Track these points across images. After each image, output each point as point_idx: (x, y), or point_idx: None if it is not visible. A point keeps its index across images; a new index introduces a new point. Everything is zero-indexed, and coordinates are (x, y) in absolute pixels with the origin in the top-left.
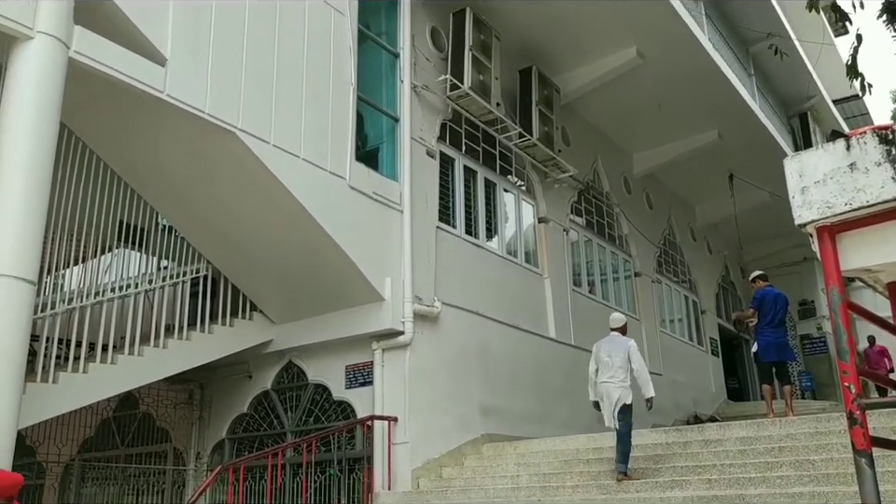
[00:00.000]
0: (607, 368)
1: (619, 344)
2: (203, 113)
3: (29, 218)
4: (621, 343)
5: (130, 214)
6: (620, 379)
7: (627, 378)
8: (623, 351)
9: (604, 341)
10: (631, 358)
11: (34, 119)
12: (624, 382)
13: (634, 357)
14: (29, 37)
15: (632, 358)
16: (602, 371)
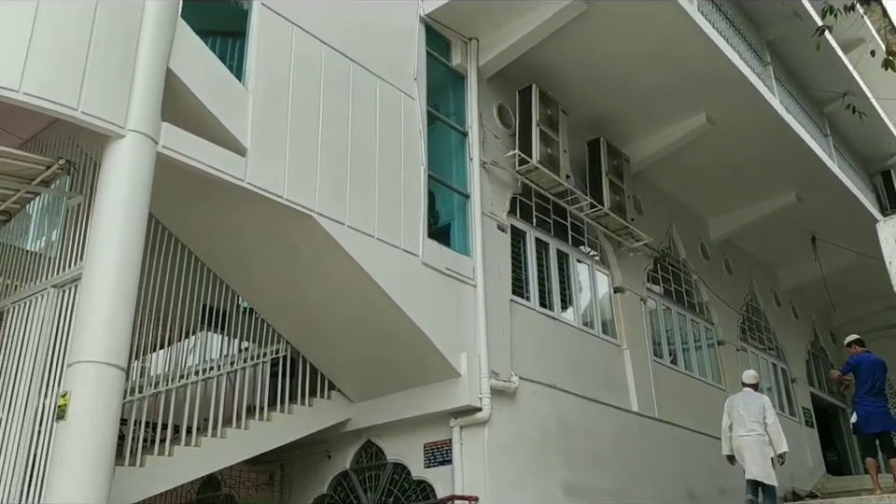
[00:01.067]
0: (742, 422)
1: (753, 400)
2: (281, 198)
3: (119, 307)
4: (755, 398)
5: (212, 297)
6: (758, 433)
7: (764, 432)
8: (758, 406)
9: (737, 396)
10: (766, 413)
11: (125, 212)
12: (763, 436)
13: (769, 412)
14: (121, 136)
15: (766, 413)
16: (737, 425)
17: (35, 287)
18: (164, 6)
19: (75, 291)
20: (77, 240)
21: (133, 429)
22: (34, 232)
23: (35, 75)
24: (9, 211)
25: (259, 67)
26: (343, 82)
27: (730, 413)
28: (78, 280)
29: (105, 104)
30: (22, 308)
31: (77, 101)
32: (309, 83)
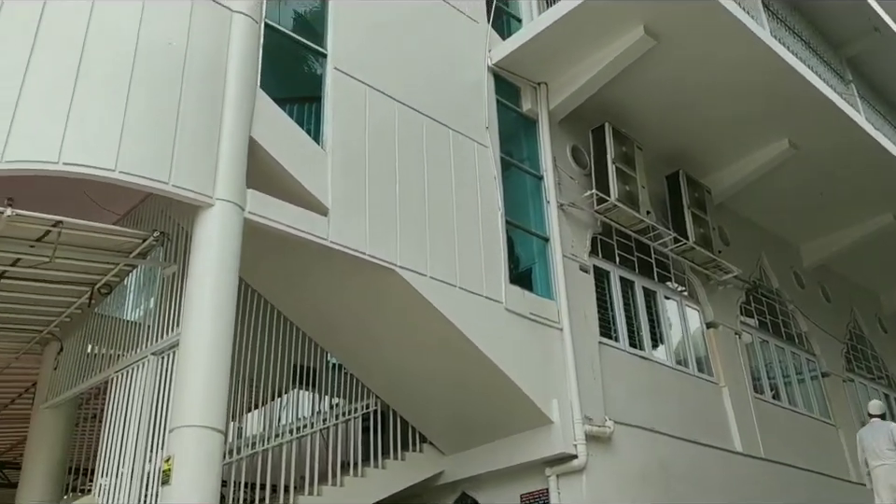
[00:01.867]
0: (875, 455)
1: (880, 429)
2: (363, 254)
3: (216, 370)
4: (882, 427)
5: (302, 356)
6: (894, 462)
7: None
8: (886, 434)
9: (866, 429)
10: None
11: (217, 277)
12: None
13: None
14: (210, 205)
15: None
16: (871, 458)
17: (136, 355)
18: (245, 79)
19: (173, 357)
20: (173, 307)
21: (232, 491)
22: (131, 302)
23: (128, 155)
24: (110, 284)
25: (335, 129)
26: (416, 137)
27: (863, 447)
28: (176, 346)
29: (194, 176)
30: (126, 376)
31: (167, 175)
32: (384, 140)
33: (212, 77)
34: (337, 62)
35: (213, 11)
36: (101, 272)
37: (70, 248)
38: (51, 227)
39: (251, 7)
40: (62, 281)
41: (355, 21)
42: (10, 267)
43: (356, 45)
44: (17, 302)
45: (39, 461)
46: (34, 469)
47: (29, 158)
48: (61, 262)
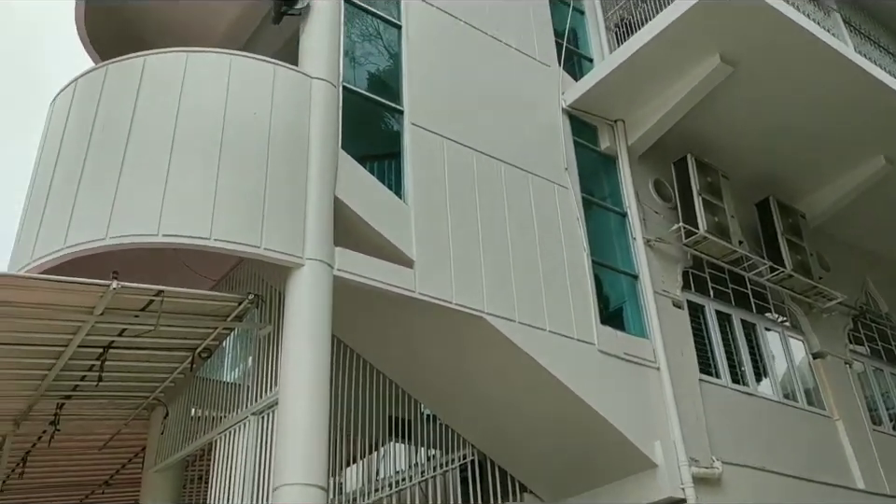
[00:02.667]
0: None
1: None
2: (450, 303)
3: (315, 427)
4: None
5: (396, 408)
6: None
7: None
8: None
9: None
10: None
11: (311, 335)
12: None
13: None
14: (300, 265)
15: None
16: None
17: (237, 416)
18: (326, 141)
19: (273, 416)
20: (269, 367)
21: None
22: (229, 364)
23: (222, 222)
24: (210, 348)
25: (416, 182)
26: (496, 183)
27: None
28: (275, 406)
29: (284, 238)
30: (228, 437)
31: (259, 240)
32: (464, 189)
33: (296, 142)
34: (413, 117)
35: (294, 79)
36: (201, 336)
37: (172, 316)
38: (154, 296)
39: (329, 73)
40: (165, 348)
41: (428, 75)
42: (118, 337)
43: (430, 99)
44: (125, 371)
45: None
46: None
47: (131, 232)
48: (164, 330)
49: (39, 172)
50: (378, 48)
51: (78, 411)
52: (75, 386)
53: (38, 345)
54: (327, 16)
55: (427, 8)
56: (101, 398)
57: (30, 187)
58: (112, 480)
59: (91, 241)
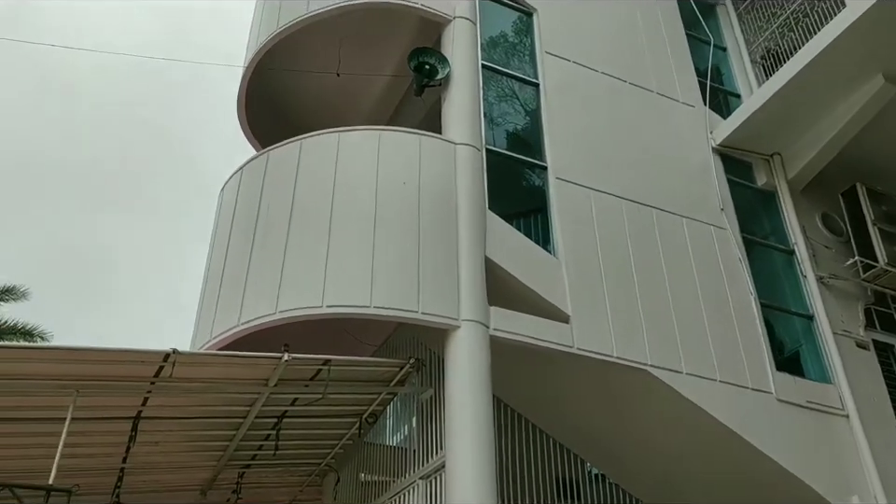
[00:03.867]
0: None
1: None
2: (611, 357)
3: (483, 490)
4: None
5: (562, 468)
6: None
7: None
8: None
9: None
10: None
11: (473, 396)
12: None
13: None
14: (457, 327)
15: None
16: None
17: (406, 480)
18: (474, 203)
19: (440, 480)
20: (434, 431)
21: None
22: (391, 428)
23: (380, 291)
24: (375, 413)
25: (564, 236)
26: (648, 230)
27: None
28: (442, 469)
29: (440, 302)
30: (398, 502)
31: (416, 305)
32: (615, 239)
33: (445, 207)
34: (557, 171)
35: (439, 147)
36: (366, 402)
37: (339, 384)
38: (322, 366)
39: (472, 137)
40: (334, 415)
41: (569, 129)
42: (290, 406)
43: (573, 152)
44: (298, 438)
45: None
46: None
47: (298, 305)
48: (332, 398)
49: (213, 255)
50: (515, 107)
51: (258, 479)
52: (253, 455)
53: (220, 418)
54: (466, 83)
55: (563, 63)
56: (277, 465)
57: (205, 270)
58: None
59: (263, 316)
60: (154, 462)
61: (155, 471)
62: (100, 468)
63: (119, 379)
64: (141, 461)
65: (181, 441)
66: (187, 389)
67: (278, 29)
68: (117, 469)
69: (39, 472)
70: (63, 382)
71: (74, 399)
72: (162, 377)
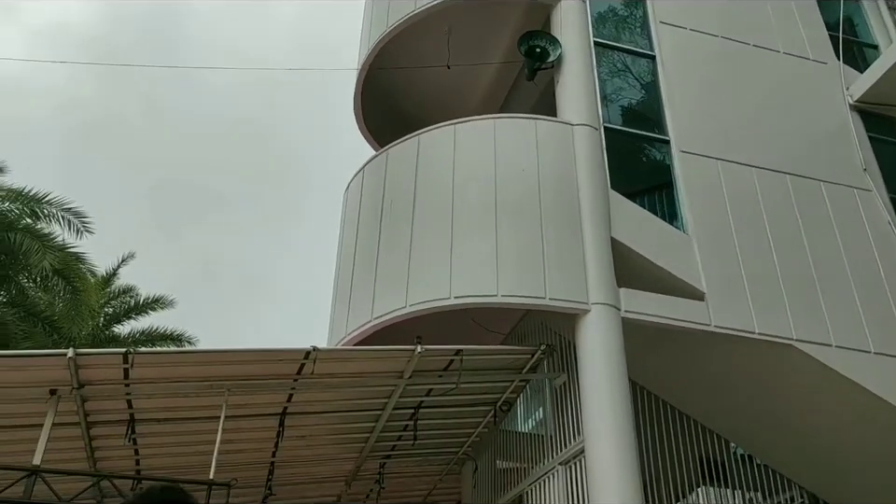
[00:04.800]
0: None
1: None
2: (753, 334)
3: (625, 474)
4: None
5: (706, 449)
6: None
7: None
8: None
9: None
10: None
11: (609, 381)
12: None
13: None
14: (586, 311)
15: None
16: None
17: (545, 466)
18: (596, 184)
19: (580, 465)
20: (570, 416)
21: None
22: (522, 415)
23: (506, 279)
24: (509, 401)
25: (693, 211)
26: (783, 198)
27: None
28: (581, 455)
29: (567, 287)
30: (539, 488)
31: (543, 291)
32: (748, 210)
33: (565, 191)
34: (681, 144)
35: (555, 130)
36: (500, 390)
37: (471, 373)
38: (454, 356)
39: (589, 117)
40: (468, 404)
41: (689, 99)
42: (425, 397)
43: (696, 123)
44: (434, 428)
45: None
46: None
47: (427, 298)
48: (465, 387)
49: (342, 255)
50: (630, 81)
51: (398, 469)
52: (393, 446)
53: (359, 411)
54: (579, 62)
55: (679, 32)
56: (416, 455)
57: (336, 269)
58: None
59: (394, 311)
60: (301, 455)
61: (302, 464)
62: (252, 462)
63: (265, 378)
64: (289, 455)
65: (325, 434)
66: (327, 385)
67: (389, 28)
68: (267, 463)
69: (198, 468)
70: (214, 382)
71: (226, 398)
72: (304, 374)
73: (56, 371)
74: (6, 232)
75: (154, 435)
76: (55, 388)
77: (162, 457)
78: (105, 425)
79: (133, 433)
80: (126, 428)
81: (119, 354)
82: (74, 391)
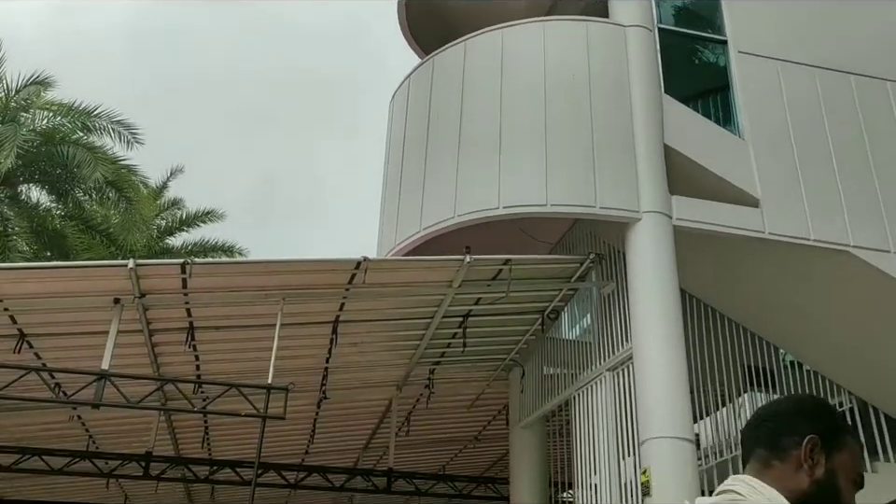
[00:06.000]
0: None
1: None
2: (807, 240)
3: (674, 381)
4: None
5: (752, 356)
6: None
7: None
8: None
9: None
10: None
11: (658, 289)
12: None
13: None
14: (637, 219)
15: None
16: None
17: (592, 373)
18: (648, 88)
19: (628, 372)
20: (618, 324)
21: None
22: (567, 323)
23: (556, 188)
24: (556, 309)
25: (750, 114)
26: (846, 100)
27: None
28: (629, 361)
29: (618, 195)
30: (585, 393)
31: (594, 199)
32: (808, 113)
33: (617, 96)
34: (739, 44)
35: (607, 32)
36: (547, 299)
37: (519, 282)
38: (502, 265)
39: (643, 17)
40: (516, 312)
41: None
42: (474, 306)
43: (755, 21)
44: (483, 336)
45: (523, 475)
46: (519, 483)
47: (475, 208)
48: (513, 296)
49: (389, 166)
50: None
51: (447, 375)
52: (442, 353)
53: (410, 319)
54: None
55: None
56: (465, 362)
57: (383, 181)
58: (480, 435)
59: (442, 221)
60: (354, 362)
61: (355, 370)
62: (307, 368)
63: (318, 287)
64: (342, 361)
65: (376, 341)
66: (378, 294)
67: None
68: (321, 369)
69: (256, 374)
70: (270, 292)
71: (281, 306)
72: (356, 284)
73: (118, 281)
74: (59, 146)
75: (213, 342)
76: (118, 298)
77: (222, 363)
78: (166, 332)
79: (193, 340)
80: (186, 336)
81: (177, 264)
82: (136, 300)
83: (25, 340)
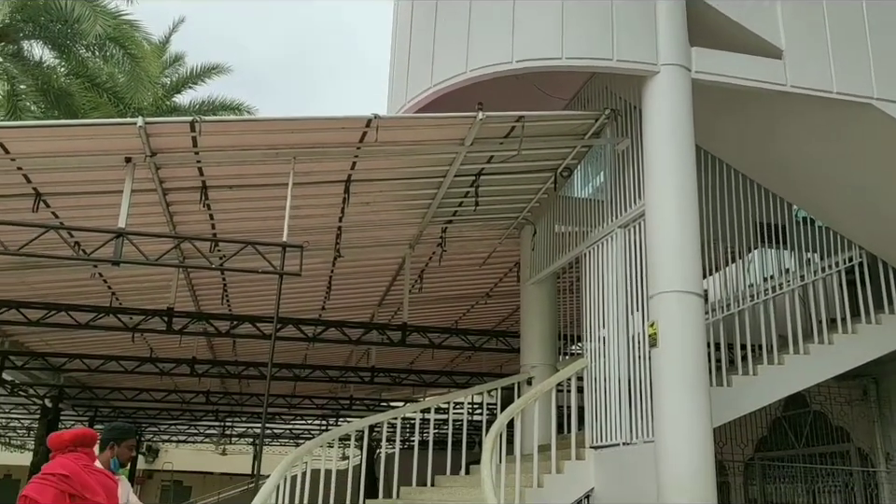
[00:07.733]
0: None
1: None
2: (830, 94)
3: (685, 235)
4: None
5: (765, 212)
6: None
7: None
8: None
9: None
10: None
11: (673, 144)
12: None
13: None
14: (655, 72)
15: None
16: None
17: (604, 230)
18: None
19: (640, 228)
20: (631, 181)
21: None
22: (580, 181)
23: (571, 41)
24: (570, 167)
25: None
26: None
27: None
28: (642, 217)
29: (636, 47)
30: (597, 250)
31: (611, 52)
32: None
33: None
34: None
35: None
36: (560, 156)
37: (533, 139)
38: (515, 122)
39: None
40: (529, 170)
41: None
42: (486, 164)
43: None
44: (495, 194)
45: (533, 329)
46: (530, 336)
47: (488, 62)
48: (526, 153)
49: (398, 22)
50: None
51: (459, 233)
52: (454, 212)
53: (421, 178)
54: None
55: None
56: (477, 220)
57: (392, 35)
58: (492, 292)
59: (454, 76)
60: (367, 220)
61: (368, 229)
62: (321, 227)
63: (329, 145)
64: (355, 220)
65: (388, 200)
66: (389, 152)
67: None
68: (335, 228)
69: (271, 232)
70: (281, 150)
71: (292, 165)
72: (367, 142)
73: (128, 139)
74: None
75: (227, 201)
76: (129, 157)
77: (237, 222)
78: (180, 192)
79: (207, 199)
80: (199, 195)
81: (187, 122)
82: (147, 159)
83: (42, 199)
